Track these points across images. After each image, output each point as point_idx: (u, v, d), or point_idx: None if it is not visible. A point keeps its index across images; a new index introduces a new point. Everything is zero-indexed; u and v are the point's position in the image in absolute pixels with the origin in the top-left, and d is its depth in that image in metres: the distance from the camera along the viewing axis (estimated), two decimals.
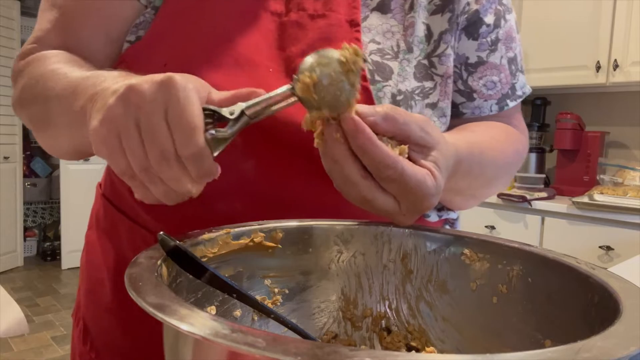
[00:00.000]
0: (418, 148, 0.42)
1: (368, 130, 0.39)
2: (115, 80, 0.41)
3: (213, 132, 0.38)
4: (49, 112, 0.50)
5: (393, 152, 0.40)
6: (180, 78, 0.37)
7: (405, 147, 0.41)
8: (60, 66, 0.51)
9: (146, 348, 0.56)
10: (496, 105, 0.63)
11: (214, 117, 0.39)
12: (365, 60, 0.40)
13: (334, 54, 0.39)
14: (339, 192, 0.44)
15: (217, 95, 0.41)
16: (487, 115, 0.64)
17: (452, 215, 0.66)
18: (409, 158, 0.42)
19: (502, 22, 0.62)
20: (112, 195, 0.62)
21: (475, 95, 0.63)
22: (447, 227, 0.69)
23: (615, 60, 2.32)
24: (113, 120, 0.37)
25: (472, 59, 0.61)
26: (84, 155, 0.56)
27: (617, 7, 2.31)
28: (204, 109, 0.38)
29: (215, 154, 0.38)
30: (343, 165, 0.40)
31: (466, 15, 0.59)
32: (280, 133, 0.51)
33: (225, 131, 0.39)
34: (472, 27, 0.60)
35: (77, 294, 0.69)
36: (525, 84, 0.66)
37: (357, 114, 0.40)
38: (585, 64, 2.42)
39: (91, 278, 0.64)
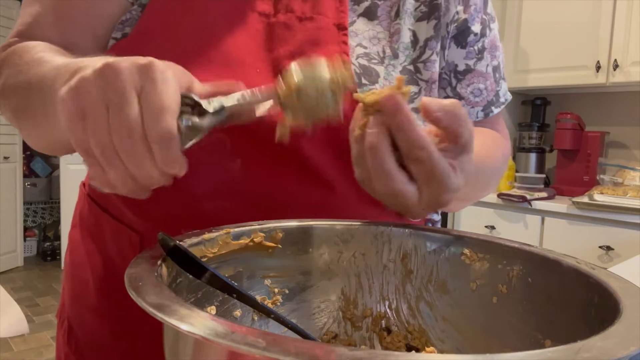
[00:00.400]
0: (458, 149, 0.42)
1: (407, 109, 0.39)
2: (99, 61, 0.39)
3: (188, 122, 0.36)
4: (30, 100, 0.49)
5: (427, 135, 0.40)
6: (161, 63, 0.36)
7: (436, 140, 0.42)
8: (44, 55, 0.49)
9: (132, 349, 0.56)
10: (482, 112, 0.65)
11: (193, 108, 0.37)
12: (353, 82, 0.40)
13: (324, 69, 0.38)
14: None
15: (200, 88, 0.40)
16: (473, 122, 0.65)
17: (434, 216, 0.67)
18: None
19: (487, 31, 0.63)
20: (97, 195, 0.61)
21: (463, 102, 0.64)
22: (429, 225, 0.70)
23: (615, 60, 2.32)
24: (81, 88, 0.35)
25: (461, 67, 0.63)
26: (67, 149, 0.52)
27: (617, 7, 2.31)
28: (183, 97, 0.37)
29: (187, 145, 0.36)
30: (381, 151, 0.40)
31: (455, 24, 0.60)
32: (268, 132, 0.51)
33: (201, 122, 0.37)
34: (461, 35, 0.61)
35: (61, 293, 0.68)
36: (507, 92, 0.69)
37: (424, 104, 0.40)
38: (585, 64, 2.42)
39: (75, 278, 0.63)
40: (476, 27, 0.62)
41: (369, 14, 0.58)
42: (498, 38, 0.66)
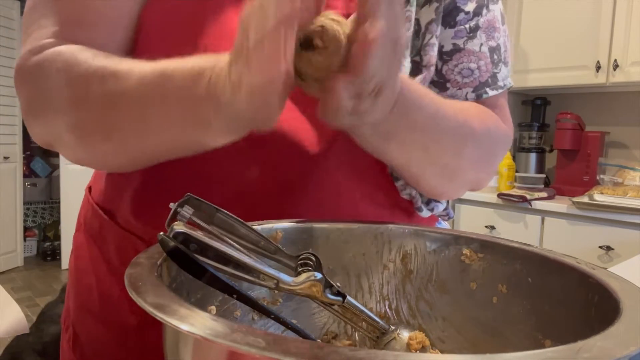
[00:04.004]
0: None
1: None
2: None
3: None
4: (118, 115, 0.46)
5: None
6: None
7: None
8: (111, 62, 0.46)
9: (138, 358, 0.56)
10: (472, 93, 0.60)
11: None
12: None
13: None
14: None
15: None
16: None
17: (440, 207, 0.65)
18: None
19: (484, 11, 0.60)
20: (102, 201, 0.60)
21: (448, 84, 0.60)
22: (444, 223, 0.69)
23: (615, 60, 2.32)
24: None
25: (447, 47, 0.59)
26: (163, 157, 0.50)
27: (617, 7, 2.31)
28: None
29: None
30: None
31: (444, 5, 0.58)
32: (284, 142, 0.51)
33: None
34: (449, 16, 0.59)
35: (66, 296, 0.66)
36: (508, 77, 0.63)
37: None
38: (585, 64, 2.42)
39: (80, 284, 0.61)
40: (469, 7, 0.59)
41: None
42: (500, 20, 0.61)
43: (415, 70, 0.57)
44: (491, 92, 0.61)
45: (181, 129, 0.44)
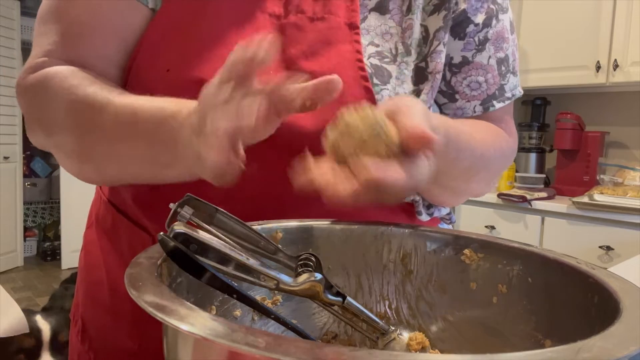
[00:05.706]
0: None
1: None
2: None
3: None
4: (93, 144, 0.50)
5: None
6: None
7: None
8: (95, 90, 0.49)
9: (146, 350, 0.56)
10: (480, 106, 0.62)
11: None
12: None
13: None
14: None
15: None
16: (470, 117, 0.63)
17: (443, 212, 0.65)
18: None
19: (494, 21, 0.60)
20: (114, 197, 0.62)
21: (457, 96, 0.62)
22: (445, 225, 0.69)
23: (615, 60, 2.32)
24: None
25: (457, 59, 0.60)
26: (139, 182, 0.54)
27: (617, 7, 2.31)
28: None
29: None
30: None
31: (453, 15, 0.58)
32: (284, 137, 0.51)
33: None
34: (459, 27, 0.59)
35: (75, 292, 0.69)
36: (517, 87, 0.64)
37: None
38: (585, 64, 2.42)
39: (90, 278, 0.64)
40: (478, 18, 0.59)
41: (381, 8, 0.57)
42: (509, 30, 0.62)
43: (420, 76, 0.58)
44: (498, 105, 0.63)
45: (149, 165, 0.48)
